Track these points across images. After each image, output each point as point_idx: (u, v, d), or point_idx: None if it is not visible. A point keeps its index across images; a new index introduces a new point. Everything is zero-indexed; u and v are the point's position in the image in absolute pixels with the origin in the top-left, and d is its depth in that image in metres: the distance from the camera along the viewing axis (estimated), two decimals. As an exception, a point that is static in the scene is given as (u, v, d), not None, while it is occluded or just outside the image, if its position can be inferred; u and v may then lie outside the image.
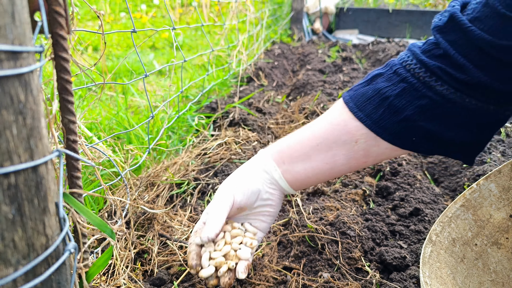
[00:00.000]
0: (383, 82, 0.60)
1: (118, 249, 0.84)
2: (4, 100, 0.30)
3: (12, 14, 0.30)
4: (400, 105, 0.58)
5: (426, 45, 0.59)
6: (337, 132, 0.62)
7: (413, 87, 0.58)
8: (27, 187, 0.34)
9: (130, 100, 1.99)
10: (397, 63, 0.61)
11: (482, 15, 0.53)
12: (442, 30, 0.57)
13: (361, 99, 0.61)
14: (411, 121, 0.58)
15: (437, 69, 0.56)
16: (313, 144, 0.64)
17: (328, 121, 0.64)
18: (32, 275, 0.35)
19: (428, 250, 0.71)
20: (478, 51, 0.54)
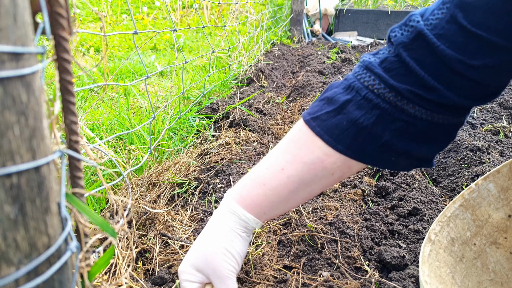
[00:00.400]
0: (356, 111, 0.58)
1: (119, 248, 0.85)
2: (6, 100, 0.31)
3: (14, 16, 0.30)
4: (378, 133, 0.58)
5: (387, 63, 0.57)
6: (313, 171, 0.61)
7: (387, 112, 0.57)
8: (29, 187, 0.34)
9: (131, 101, 2.00)
10: (362, 87, 0.58)
11: (448, 33, 0.52)
12: (408, 47, 0.55)
13: (336, 131, 0.59)
14: (390, 145, 0.58)
15: (407, 92, 0.55)
16: (292, 189, 0.63)
17: (302, 162, 0.61)
18: (34, 275, 0.36)
19: (427, 249, 0.71)
20: (448, 71, 0.53)
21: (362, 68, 0.59)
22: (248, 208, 0.63)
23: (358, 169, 0.64)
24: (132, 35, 0.99)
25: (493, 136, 1.57)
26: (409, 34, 0.54)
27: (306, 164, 0.61)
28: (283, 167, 0.62)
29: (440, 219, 0.76)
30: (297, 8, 4.14)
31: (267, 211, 0.64)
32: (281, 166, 0.62)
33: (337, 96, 0.60)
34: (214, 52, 1.95)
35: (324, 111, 0.60)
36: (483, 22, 0.49)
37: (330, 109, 0.60)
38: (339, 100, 0.59)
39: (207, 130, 1.58)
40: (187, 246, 0.92)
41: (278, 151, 0.65)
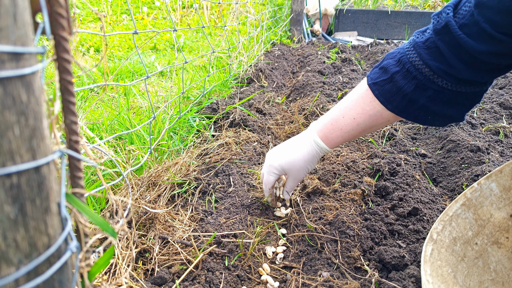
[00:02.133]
0: (402, 80, 0.79)
1: (119, 248, 0.85)
2: (6, 100, 0.31)
3: (14, 16, 0.30)
4: (415, 98, 0.79)
5: (429, 42, 0.76)
6: (375, 121, 0.86)
7: (422, 82, 0.77)
8: (29, 187, 0.34)
9: (131, 101, 2.00)
10: (407, 61, 0.78)
11: (469, 23, 0.69)
12: (439, 33, 0.73)
13: (388, 95, 0.82)
14: (425, 107, 0.80)
15: (436, 69, 0.75)
16: (360, 131, 0.89)
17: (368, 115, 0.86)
18: (34, 275, 0.36)
19: (429, 248, 0.71)
20: (466, 54, 0.70)
21: (412, 45, 0.79)
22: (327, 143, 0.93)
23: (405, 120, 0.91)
24: (132, 35, 0.99)
25: (493, 136, 1.57)
26: (441, 23, 0.73)
27: (371, 116, 0.86)
28: (354, 117, 0.88)
29: (442, 218, 0.76)
30: (297, 8, 4.14)
31: (338, 144, 0.93)
32: (353, 116, 0.88)
33: (390, 67, 0.81)
34: (214, 52, 1.95)
35: (381, 79, 0.83)
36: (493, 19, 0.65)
37: (385, 77, 0.82)
38: (391, 71, 0.81)
39: (207, 130, 1.58)
40: (187, 246, 0.92)
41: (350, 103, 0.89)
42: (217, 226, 0.99)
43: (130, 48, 3.32)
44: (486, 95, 2.12)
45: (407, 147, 1.51)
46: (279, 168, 0.98)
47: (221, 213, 1.05)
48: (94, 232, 0.44)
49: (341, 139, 0.91)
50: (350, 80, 2.36)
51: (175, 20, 4.06)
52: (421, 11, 4.22)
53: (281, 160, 0.97)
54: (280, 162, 0.97)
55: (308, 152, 0.94)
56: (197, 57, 2.03)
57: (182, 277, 0.82)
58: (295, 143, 0.97)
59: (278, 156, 0.98)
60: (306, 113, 1.75)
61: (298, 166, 0.96)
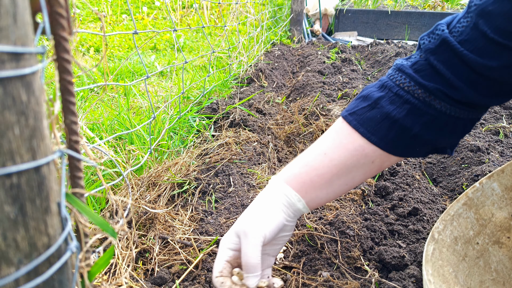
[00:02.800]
0: (389, 105, 0.65)
1: (119, 248, 0.85)
2: (6, 100, 0.31)
3: (14, 16, 0.30)
4: (408, 125, 0.64)
5: (417, 65, 0.64)
6: (355, 157, 0.67)
7: (416, 107, 0.64)
8: (29, 187, 0.34)
9: (131, 101, 2.00)
10: (394, 85, 0.66)
11: (471, 38, 0.59)
12: (435, 52, 0.62)
13: (371, 123, 0.66)
14: (419, 137, 0.65)
15: (434, 90, 0.62)
16: (334, 172, 0.68)
17: (344, 148, 0.67)
18: (34, 275, 0.36)
19: (430, 248, 0.71)
20: (470, 72, 0.60)
21: (395, 70, 0.67)
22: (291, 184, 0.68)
23: (396, 160, 0.70)
24: (132, 35, 0.99)
25: (493, 136, 1.57)
26: (435, 41, 0.62)
27: (348, 151, 0.67)
28: (325, 152, 0.68)
29: (444, 218, 0.76)
30: (297, 8, 4.14)
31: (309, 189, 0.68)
32: (324, 151, 0.69)
33: (372, 94, 0.67)
34: (214, 52, 1.95)
35: (360, 107, 0.68)
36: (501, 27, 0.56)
37: (365, 104, 0.67)
38: (373, 96, 0.67)
39: (207, 130, 1.58)
40: (187, 246, 0.92)
41: (321, 141, 0.71)
42: (217, 226, 0.99)
43: (130, 48, 3.32)
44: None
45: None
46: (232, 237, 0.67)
47: (221, 213, 1.05)
48: (94, 232, 0.44)
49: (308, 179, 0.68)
50: (350, 80, 2.36)
51: (175, 20, 4.06)
52: (421, 11, 4.22)
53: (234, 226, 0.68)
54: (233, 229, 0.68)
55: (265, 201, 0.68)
56: (197, 57, 2.03)
57: (182, 277, 0.82)
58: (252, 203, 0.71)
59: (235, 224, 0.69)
60: (306, 113, 1.75)
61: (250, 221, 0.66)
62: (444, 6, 4.53)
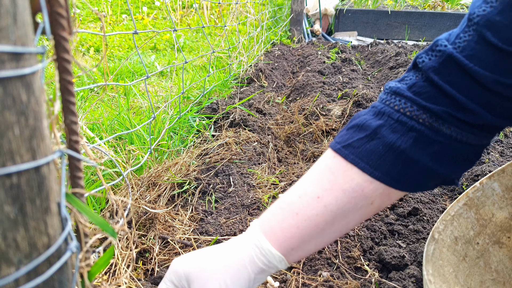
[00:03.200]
0: (391, 134, 0.55)
1: (119, 248, 0.85)
2: (6, 100, 0.31)
3: (14, 15, 0.30)
4: (416, 157, 0.54)
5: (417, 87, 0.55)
6: (353, 199, 0.56)
7: (423, 134, 0.54)
8: (29, 187, 0.34)
9: (132, 101, 2.00)
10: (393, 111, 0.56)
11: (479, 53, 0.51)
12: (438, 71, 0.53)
13: (373, 157, 0.55)
14: (429, 169, 0.55)
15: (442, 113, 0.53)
16: (328, 220, 0.56)
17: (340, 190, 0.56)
18: (34, 275, 0.36)
19: (431, 248, 0.71)
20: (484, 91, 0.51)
21: (390, 94, 0.57)
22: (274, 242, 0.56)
23: (397, 198, 0.60)
24: (132, 35, 0.99)
25: (493, 136, 1.57)
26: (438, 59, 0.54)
27: (345, 192, 0.56)
28: (319, 196, 0.56)
29: (444, 218, 0.76)
30: (297, 8, 4.14)
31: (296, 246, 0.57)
32: (317, 194, 0.56)
33: (368, 122, 0.57)
34: (214, 52, 1.95)
35: (356, 138, 0.57)
36: None
37: (362, 135, 0.56)
38: (371, 125, 0.56)
39: (207, 130, 1.58)
40: (188, 246, 0.92)
41: (310, 179, 0.59)
42: (217, 226, 0.99)
43: (130, 48, 3.32)
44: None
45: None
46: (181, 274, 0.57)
47: (221, 213, 1.05)
48: (94, 232, 0.44)
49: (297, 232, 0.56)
50: (350, 80, 2.36)
51: (175, 20, 4.06)
52: (421, 11, 4.22)
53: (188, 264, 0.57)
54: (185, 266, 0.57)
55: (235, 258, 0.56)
56: (197, 57, 2.03)
57: (182, 277, 0.82)
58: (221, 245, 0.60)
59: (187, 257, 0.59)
60: (306, 113, 1.75)
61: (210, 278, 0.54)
62: (444, 6, 4.53)
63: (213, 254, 0.57)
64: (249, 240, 0.57)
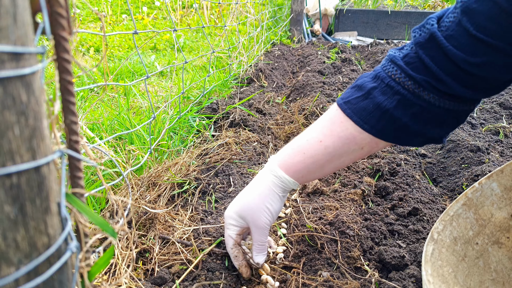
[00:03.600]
0: (380, 96, 0.69)
1: (119, 248, 0.85)
2: (6, 100, 0.31)
3: (14, 15, 0.30)
4: (398, 115, 0.68)
5: (408, 58, 0.67)
6: (347, 145, 0.72)
7: (405, 98, 0.67)
8: (29, 187, 0.34)
9: (131, 101, 2.00)
10: (386, 76, 0.69)
11: (456, 34, 0.61)
12: (424, 46, 0.65)
13: (364, 113, 0.70)
14: (407, 126, 0.69)
15: (423, 82, 0.65)
16: (327, 159, 0.74)
17: (337, 136, 0.72)
18: (34, 275, 0.36)
19: (430, 248, 0.71)
20: (454, 67, 0.63)
21: (388, 61, 0.70)
22: (288, 173, 0.76)
23: (384, 146, 0.75)
24: (132, 35, 0.99)
25: (493, 136, 1.57)
26: (425, 35, 0.65)
27: (341, 138, 0.72)
28: (321, 140, 0.74)
29: (443, 218, 0.76)
30: (297, 8, 4.14)
31: (304, 174, 0.77)
32: (320, 138, 0.74)
33: (365, 84, 0.71)
34: (214, 52, 1.95)
35: (354, 96, 0.72)
36: (484, 25, 0.58)
37: (359, 94, 0.71)
38: (367, 87, 0.70)
39: (207, 130, 1.58)
40: (187, 246, 0.92)
41: (316, 127, 0.76)
42: (217, 226, 0.99)
43: (130, 48, 3.32)
44: (486, 95, 2.12)
45: (407, 147, 1.51)
46: (235, 216, 0.79)
47: (221, 213, 1.05)
48: (94, 232, 0.44)
49: (304, 166, 0.75)
50: (350, 80, 2.36)
51: (175, 20, 4.06)
52: (421, 11, 4.22)
53: (236, 206, 0.79)
54: (235, 209, 0.79)
55: (265, 187, 0.77)
56: (197, 57, 2.03)
57: (182, 277, 0.82)
58: (251, 183, 0.80)
59: (232, 204, 0.81)
60: (306, 113, 1.75)
61: (255, 206, 0.76)
62: (444, 6, 4.53)
63: (248, 191, 0.79)
64: (270, 172, 0.77)
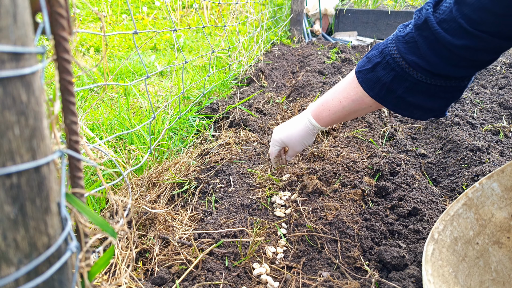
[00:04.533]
0: (381, 70, 0.85)
1: (119, 248, 0.85)
2: (6, 100, 0.31)
3: (14, 15, 0.30)
4: (394, 88, 0.85)
5: (408, 37, 0.79)
6: (359, 105, 0.95)
7: (399, 74, 0.82)
8: (29, 187, 0.34)
9: (131, 101, 2.00)
10: (388, 53, 0.83)
11: (448, 18, 0.71)
12: (419, 27, 0.76)
13: (370, 83, 0.88)
14: (402, 97, 0.85)
15: (412, 63, 0.79)
16: (346, 114, 0.99)
17: (351, 99, 0.95)
18: (34, 275, 0.36)
19: (430, 248, 0.71)
20: (443, 48, 0.73)
21: (394, 38, 0.83)
22: (318, 121, 1.07)
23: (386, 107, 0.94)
24: (132, 35, 0.99)
25: (493, 136, 1.57)
26: (421, 18, 0.76)
27: (353, 101, 0.95)
28: (340, 100, 0.98)
29: (444, 218, 0.76)
30: (297, 8, 4.14)
31: (330, 123, 1.06)
32: (339, 99, 0.98)
33: (373, 58, 0.88)
34: (214, 52, 1.95)
35: (365, 68, 0.90)
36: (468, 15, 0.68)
37: (368, 66, 0.88)
38: (374, 61, 0.87)
39: (207, 130, 1.58)
40: (187, 246, 0.92)
41: (339, 87, 0.99)
42: (217, 226, 0.99)
43: (130, 48, 3.32)
44: (486, 95, 2.12)
45: (407, 147, 1.51)
46: (280, 141, 1.17)
47: (221, 213, 1.05)
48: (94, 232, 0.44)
49: (330, 119, 1.04)
50: (350, 80, 2.36)
51: (175, 20, 4.06)
52: (421, 11, 4.21)
53: (281, 134, 1.16)
54: (280, 136, 1.17)
55: (303, 129, 1.11)
56: (197, 57, 2.03)
57: (182, 277, 0.82)
58: (293, 121, 1.14)
59: (279, 131, 1.18)
60: (306, 113, 1.75)
61: (295, 139, 1.14)
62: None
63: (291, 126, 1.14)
64: (307, 119, 1.09)
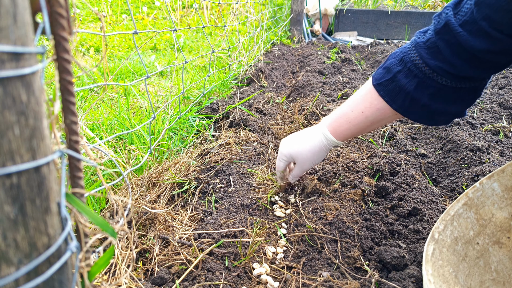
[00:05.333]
0: (403, 79, 0.83)
1: (119, 248, 0.85)
2: (6, 100, 0.31)
3: (14, 15, 0.30)
4: (417, 96, 0.82)
5: (429, 42, 0.78)
6: (381, 115, 0.91)
7: (422, 80, 0.80)
8: (29, 187, 0.34)
9: (131, 101, 2.00)
10: (408, 60, 0.82)
11: (470, 20, 0.71)
12: (440, 32, 0.76)
13: (392, 94, 0.86)
14: (427, 105, 0.83)
15: (436, 67, 0.78)
16: (367, 125, 0.95)
17: (376, 109, 0.91)
18: (34, 275, 0.36)
19: (430, 248, 0.71)
20: (464, 51, 0.73)
21: (413, 46, 0.82)
22: (335, 135, 1.00)
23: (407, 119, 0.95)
24: (132, 35, 0.99)
25: (493, 136, 1.57)
26: (441, 22, 0.75)
27: (378, 110, 0.91)
28: (363, 111, 0.93)
29: (444, 218, 0.76)
30: (297, 8, 4.14)
31: (349, 137, 1.00)
32: (362, 110, 0.93)
33: (393, 67, 0.85)
34: (214, 52, 1.95)
35: (384, 79, 0.87)
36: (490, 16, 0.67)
37: (388, 77, 0.86)
38: (393, 70, 0.85)
39: (207, 130, 1.58)
40: (187, 246, 0.92)
41: (359, 98, 0.94)
42: (217, 226, 0.99)
43: (130, 48, 3.32)
44: (486, 95, 2.12)
45: (407, 147, 1.51)
46: (288, 155, 1.08)
47: (221, 213, 1.05)
48: (94, 232, 0.44)
49: (350, 132, 0.98)
50: (350, 80, 2.36)
51: (175, 20, 4.06)
52: (421, 11, 4.22)
53: (290, 149, 1.07)
54: (289, 150, 1.07)
55: (316, 144, 1.02)
56: (197, 57, 2.03)
57: (182, 277, 0.82)
58: (305, 134, 1.06)
59: (288, 144, 1.08)
60: (306, 113, 1.75)
61: (305, 156, 1.04)
62: (443, 6, 4.53)
63: (302, 141, 1.05)
64: (322, 134, 1.01)
